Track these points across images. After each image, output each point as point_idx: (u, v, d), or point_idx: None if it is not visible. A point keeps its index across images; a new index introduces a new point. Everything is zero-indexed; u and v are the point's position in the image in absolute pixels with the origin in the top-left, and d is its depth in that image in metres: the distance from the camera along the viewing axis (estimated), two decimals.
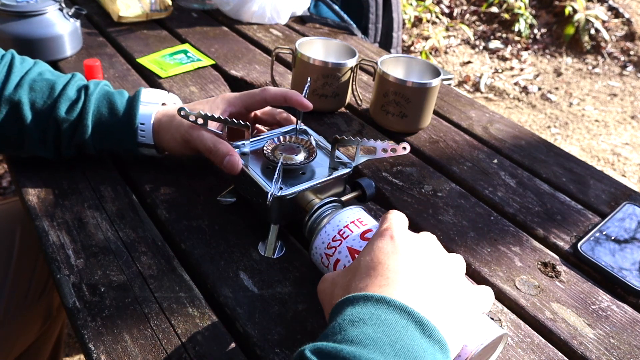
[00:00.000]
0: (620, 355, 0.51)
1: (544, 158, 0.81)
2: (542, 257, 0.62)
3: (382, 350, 0.34)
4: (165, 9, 1.16)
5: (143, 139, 0.64)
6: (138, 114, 0.63)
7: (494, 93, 2.92)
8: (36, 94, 0.62)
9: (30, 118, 0.62)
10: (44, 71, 0.65)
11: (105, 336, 0.48)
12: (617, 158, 2.43)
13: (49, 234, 0.58)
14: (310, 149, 0.61)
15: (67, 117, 0.62)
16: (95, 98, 0.63)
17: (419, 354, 0.35)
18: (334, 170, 0.60)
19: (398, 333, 0.35)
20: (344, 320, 0.37)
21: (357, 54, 0.84)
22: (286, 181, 0.58)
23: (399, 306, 0.37)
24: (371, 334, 0.35)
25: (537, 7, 3.56)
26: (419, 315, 0.36)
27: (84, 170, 0.68)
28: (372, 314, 0.36)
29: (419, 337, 0.36)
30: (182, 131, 0.62)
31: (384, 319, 0.36)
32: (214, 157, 0.60)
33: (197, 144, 0.61)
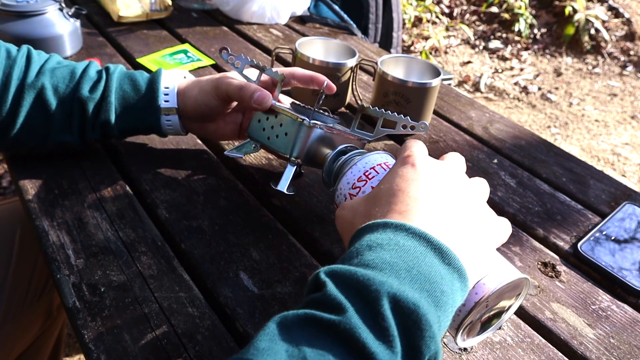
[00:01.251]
0: (620, 355, 0.51)
1: (544, 158, 0.81)
2: (542, 257, 0.62)
3: (398, 274, 0.34)
4: (165, 9, 1.16)
5: (166, 104, 0.65)
6: (161, 83, 0.64)
7: (494, 93, 2.92)
8: (58, 79, 0.63)
9: (54, 102, 0.62)
10: (61, 60, 0.66)
11: (105, 336, 0.48)
12: (617, 158, 2.43)
13: (49, 234, 0.58)
14: (333, 116, 0.63)
15: (91, 95, 0.63)
16: (117, 76, 0.64)
17: (436, 280, 0.34)
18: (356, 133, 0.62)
19: (416, 259, 0.35)
20: (361, 245, 0.36)
21: (357, 54, 0.84)
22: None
23: (419, 233, 0.36)
24: (388, 259, 0.35)
25: (537, 7, 3.56)
26: (438, 242, 0.36)
27: (84, 170, 0.68)
28: (390, 239, 0.36)
29: (437, 263, 0.35)
30: (212, 80, 0.64)
31: (402, 245, 0.36)
32: (244, 92, 0.61)
33: (228, 85, 0.62)
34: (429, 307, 0.33)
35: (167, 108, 0.65)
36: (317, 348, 0.31)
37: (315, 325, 0.32)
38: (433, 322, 0.33)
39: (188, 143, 0.75)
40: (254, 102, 0.60)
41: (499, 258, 0.44)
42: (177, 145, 0.74)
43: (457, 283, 0.36)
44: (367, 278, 0.33)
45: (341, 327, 0.31)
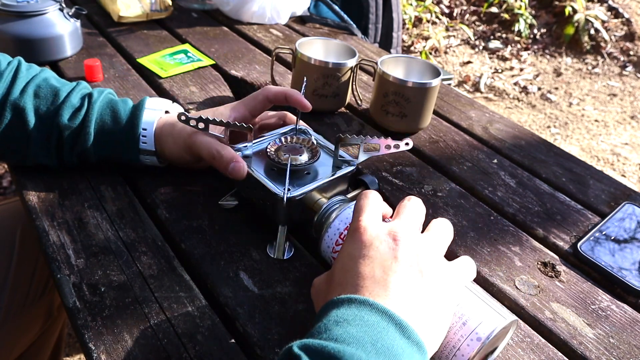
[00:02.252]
0: (619, 355, 0.51)
1: (544, 158, 0.81)
2: (542, 257, 0.62)
3: (364, 348, 0.36)
4: (165, 9, 1.16)
5: (145, 145, 0.64)
6: (141, 121, 0.63)
7: (494, 93, 2.92)
8: (40, 100, 0.63)
9: (33, 124, 0.62)
10: (49, 77, 0.65)
11: (106, 336, 0.48)
12: (616, 158, 2.43)
13: (49, 234, 0.58)
14: (312, 148, 0.62)
15: (69, 124, 0.62)
16: (99, 106, 0.63)
17: (397, 352, 0.37)
18: (337, 169, 0.60)
19: (379, 333, 0.37)
20: (329, 321, 0.39)
21: (357, 54, 0.84)
22: (292, 182, 0.58)
23: (381, 309, 0.39)
24: (354, 333, 0.37)
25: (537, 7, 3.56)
26: (398, 318, 0.38)
27: (84, 170, 0.68)
28: (355, 315, 0.38)
29: (398, 338, 0.38)
30: (184, 136, 0.62)
31: (367, 320, 0.38)
32: (218, 163, 0.59)
33: (200, 149, 0.61)
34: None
35: (145, 150, 0.64)
36: None
37: None
38: None
39: None
40: (229, 174, 0.59)
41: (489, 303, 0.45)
42: None
43: (417, 355, 0.38)
44: (337, 351, 0.35)
45: None
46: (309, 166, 0.60)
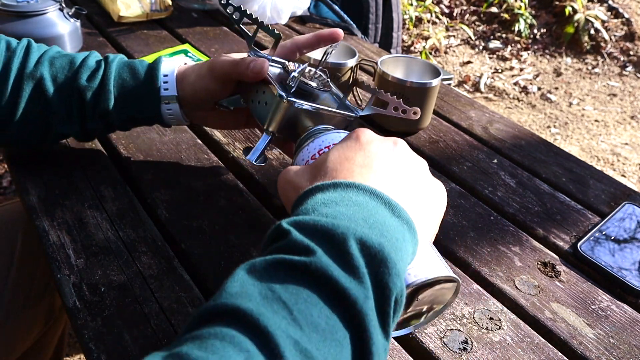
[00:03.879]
0: (619, 355, 0.51)
1: (544, 158, 0.81)
2: (542, 257, 0.62)
3: (357, 223, 0.36)
4: (165, 9, 1.16)
5: (166, 92, 0.63)
6: (160, 69, 0.63)
7: (494, 93, 2.92)
8: (56, 68, 0.62)
9: (52, 92, 0.61)
10: (61, 50, 0.66)
11: (106, 336, 0.48)
12: (616, 158, 2.43)
13: (49, 234, 0.58)
14: (325, 85, 0.61)
15: (89, 85, 0.62)
16: (116, 65, 0.63)
17: (390, 228, 0.37)
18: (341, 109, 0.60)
19: (369, 211, 0.37)
20: (315, 203, 0.38)
21: (357, 54, 0.84)
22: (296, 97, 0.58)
23: (368, 189, 0.39)
24: (344, 212, 0.37)
25: (537, 7, 3.56)
26: (387, 198, 0.39)
27: (84, 170, 0.68)
28: (342, 196, 0.38)
29: (389, 216, 0.38)
30: (206, 64, 0.62)
31: (355, 200, 0.38)
32: (240, 66, 0.59)
33: (222, 63, 0.61)
34: (390, 249, 0.35)
35: (167, 96, 0.63)
36: (290, 287, 0.32)
37: (285, 268, 0.33)
38: (396, 262, 0.35)
39: (188, 143, 0.75)
40: (251, 71, 0.58)
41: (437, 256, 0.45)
42: (177, 145, 0.74)
43: (407, 234, 0.38)
44: (331, 224, 0.35)
45: (312, 266, 0.33)
46: (316, 93, 0.60)
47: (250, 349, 0.29)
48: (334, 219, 0.36)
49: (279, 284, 0.32)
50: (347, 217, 0.36)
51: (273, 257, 0.34)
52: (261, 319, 0.30)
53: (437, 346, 0.50)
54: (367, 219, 0.36)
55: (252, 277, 0.33)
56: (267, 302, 0.31)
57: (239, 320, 0.30)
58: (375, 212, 0.37)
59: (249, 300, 0.31)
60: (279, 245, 0.35)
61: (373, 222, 0.36)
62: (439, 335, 0.51)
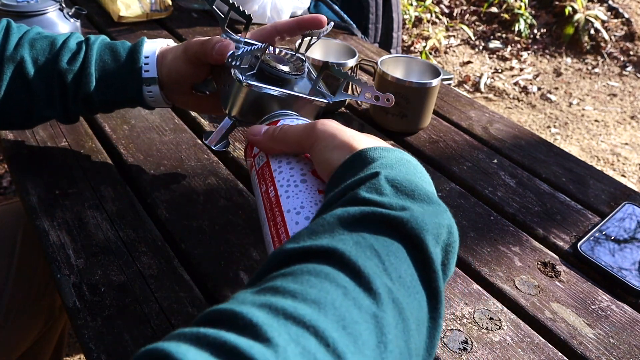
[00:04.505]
0: (619, 355, 0.51)
1: (544, 158, 0.81)
2: (542, 257, 0.62)
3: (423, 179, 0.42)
4: (165, 9, 1.16)
5: (147, 74, 0.62)
6: (142, 53, 0.62)
7: (494, 93, 2.92)
8: (37, 51, 0.62)
9: (33, 74, 0.61)
10: (42, 31, 0.65)
11: (106, 336, 0.48)
12: (616, 158, 2.43)
13: (49, 234, 0.58)
14: (298, 69, 0.59)
15: (70, 67, 0.61)
16: (97, 47, 0.63)
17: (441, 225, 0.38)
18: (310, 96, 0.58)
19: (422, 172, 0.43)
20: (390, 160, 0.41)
21: (357, 54, 0.84)
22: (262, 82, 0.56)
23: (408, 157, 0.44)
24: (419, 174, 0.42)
25: (536, 7, 3.56)
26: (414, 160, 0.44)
27: (84, 170, 0.68)
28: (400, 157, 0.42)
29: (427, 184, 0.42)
30: (182, 46, 0.62)
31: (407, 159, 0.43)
32: (206, 44, 0.58)
33: (193, 43, 0.60)
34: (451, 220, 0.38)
35: (148, 78, 0.62)
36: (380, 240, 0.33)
37: (379, 222, 0.34)
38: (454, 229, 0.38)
39: (188, 143, 0.75)
40: (215, 52, 0.57)
41: None
42: (177, 145, 0.74)
43: None
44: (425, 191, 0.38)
45: (407, 225, 0.34)
46: (285, 78, 0.57)
47: (347, 285, 0.29)
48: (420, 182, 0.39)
49: (370, 234, 0.33)
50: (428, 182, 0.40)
51: (371, 209, 0.34)
52: (359, 261, 0.30)
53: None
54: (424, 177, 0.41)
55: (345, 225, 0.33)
56: (360, 247, 0.32)
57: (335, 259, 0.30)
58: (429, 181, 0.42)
59: (344, 243, 0.31)
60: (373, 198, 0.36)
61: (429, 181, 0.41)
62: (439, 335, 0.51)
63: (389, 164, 0.39)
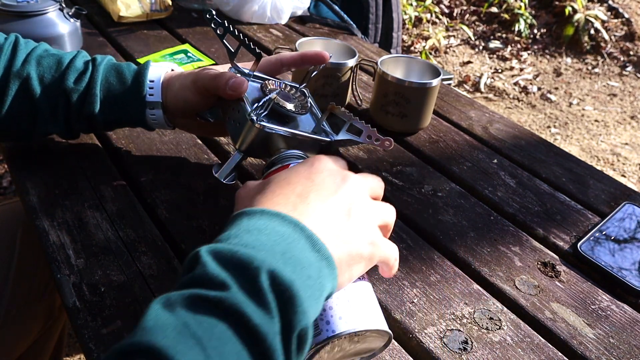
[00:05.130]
0: (619, 355, 0.51)
1: (544, 158, 0.81)
2: (542, 257, 0.62)
3: (274, 255, 0.36)
4: (165, 9, 1.16)
5: (151, 98, 0.63)
6: (147, 77, 0.63)
7: (494, 93, 2.92)
8: (44, 68, 0.62)
9: (39, 91, 0.62)
10: (49, 48, 0.66)
11: (106, 336, 0.48)
12: (616, 158, 2.43)
13: (49, 234, 0.58)
14: (303, 106, 0.61)
15: (75, 87, 0.62)
16: (103, 68, 0.64)
17: (306, 263, 0.37)
18: (315, 133, 0.60)
19: (289, 244, 0.38)
20: (239, 229, 0.39)
21: (357, 54, 0.84)
22: (270, 120, 0.57)
23: (292, 221, 0.40)
24: (265, 241, 0.37)
25: (536, 7, 3.56)
26: (309, 232, 0.39)
27: (84, 170, 0.68)
28: (266, 225, 0.39)
29: (308, 250, 0.38)
30: (191, 75, 0.63)
31: (278, 230, 0.39)
32: (219, 79, 0.59)
33: (203, 76, 0.61)
34: (300, 286, 0.36)
35: (152, 102, 0.64)
36: (204, 323, 0.32)
37: (201, 303, 0.33)
38: (304, 300, 0.35)
39: (188, 143, 0.75)
40: (229, 88, 0.58)
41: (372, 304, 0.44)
42: (177, 145, 0.74)
43: (326, 270, 0.38)
44: (248, 256, 0.35)
45: (227, 303, 0.33)
46: (292, 116, 0.60)
47: None
48: (253, 249, 0.37)
49: (193, 319, 0.32)
50: (267, 248, 0.37)
51: (189, 291, 0.34)
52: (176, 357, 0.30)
53: (437, 346, 0.50)
54: (285, 252, 0.37)
55: (168, 311, 0.33)
56: (182, 337, 0.31)
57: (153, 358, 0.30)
58: (295, 245, 0.38)
59: (164, 336, 0.31)
60: (194, 275, 0.36)
61: (290, 256, 0.37)
62: (439, 335, 0.51)
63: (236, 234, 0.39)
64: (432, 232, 0.64)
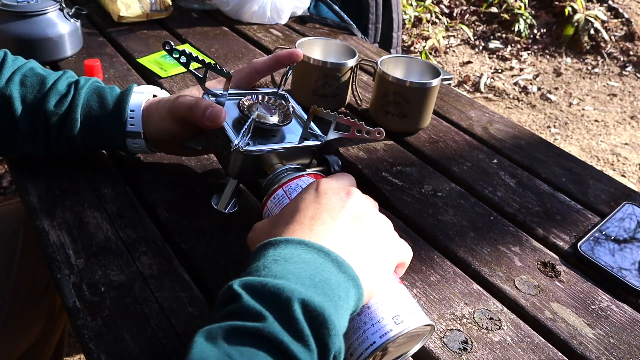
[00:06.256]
0: (619, 355, 0.51)
1: (544, 158, 0.81)
2: (542, 257, 0.62)
3: (303, 282, 0.38)
4: (165, 9, 1.16)
5: (132, 127, 0.63)
6: (128, 104, 0.63)
7: (494, 93, 2.92)
8: (27, 88, 0.62)
9: (20, 112, 0.61)
10: (36, 67, 0.65)
11: (106, 336, 0.48)
12: (616, 158, 2.43)
13: (49, 234, 0.58)
14: (286, 114, 0.61)
15: (56, 110, 0.62)
16: (85, 92, 0.63)
17: (334, 285, 0.39)
18: (304, 140, 0.59)
19: (316, 269, 0.40)
20: (266, 260, 0.40)
21: (357, 54, 0.84)
22: (255, 139, 0.57)
23: (317, 247, 0.41)
24: (292, 270, 0.39)
25: (536, 7, 3.56)
26: (334, 254, 0.41)
27: (84, 170, 0.68)
28: (292, 253, 0.41)
29: (335, 272, 0.40)
30: (167, 103, 0.62)
31: (304, 258, 0.40)
32: (195, 110, 0.58)
33: (179, 104, 0.60)
34: (330, 309, 0.37)
35: (132, 132, 0.64)
36: (245, 353, 0.34)
37: (240, 334, 0.35)
38: (336, 321, 0.37)
39: None
40: (207, 119, 0.57)
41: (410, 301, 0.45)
42: None
43: (353, 289, 0.40)
44: (277, 287, 0.37)
45: (264, 332, 0.35)
46: (276, 129, 0.59)
47: None
48: (282, 278, 0.38)
49: (234, 350, 0.34)
50: (295, 276, 0.39)
51: (228, 324, 0.36)
52: None
53: (437, 346, 0.50)
54: (314, 277, 0.39)
55: (210, 344, 0.35)
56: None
57: None
58: (322, 269, 0.40)
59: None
60: (232, 309, 0.37)
61: (319, 280, 0.39)
62: (439, 335, 0.51)
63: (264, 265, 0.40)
64: (432, 232, 0.64)
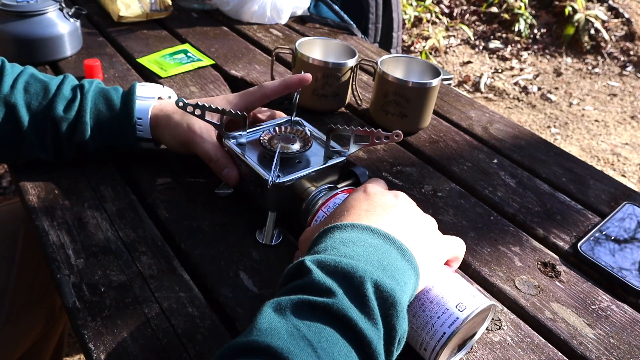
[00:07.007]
0: (620, 355, 0.51)
1: (544, 158, 0.81)
2: (542, 257, 0.62)
3: (373, 264, 0.39)
4: (165, 9, 1.16)
5: (141, 134, 0.65)
6: (135, 109, 0.64)
7: (494, 93, 2.92)
8: (31, 95, 0.62)
9: (27, 120, 0.62)
10: (35, 73, 0.65)
11: (105, 336, 0.48)
12: (616, 158, 2.43)
13: (49, 234, 0.58)
14: (305, 138, 0.63)
15: (65, 116, 0.62)
16: (92, 95, 0.64)
17: (400, 272, 0.40)
18: (329, 159, 0.61)
19: (383, 254, 0.41)
20: (334, 241, 0.41)
21: (357, 54, 0.84)
22: (283, 170, 0.59)
23: (383, 234, 0.42)
24: (361, 252, 0.40)
25: (537, 7, 3.56)
26: (399, 242, 0.42)
27: (84, 170, 0.68)
28: (359, 237, 0.42)
29: (400, 259, 0.41)
30: (181, 132, 0.63)
31: (371, 242, 0.41)
32: (214, 165, 0.62)
33: (197, 150, 0.63)
34: (400, 293, 0.38)
35: (142, 138, 0.66)
36: (313, 327, 0.35)
37: (309, 308, 0.36)
38: (404, 305, 0.38)
39: None
40: (223, 178, 0.62)
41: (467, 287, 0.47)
42: None
43: (413, 278, 0.42)
44: (351, 266, 0.38)
45: (334, 308, 0.36)
46: (300, 155, 0.61)
47: None
48: (352, 259, 0.39)
49: (303, 323, 0.35)
50: (364, 258, 0.39)
51: (298, 297, 0.36)
52: (290, 357, 0.32)
53: None
54: (382, 261, 0.40)
55: (279, 316, 0.35)
56: (294, 339, 0.34)
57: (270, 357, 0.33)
58: (389, 255, 0.41)
59: (278, 338, 0.34)
60: (302, 283, 0.38)
61: (387, 264, 0.40)
62: None
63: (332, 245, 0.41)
64: None
